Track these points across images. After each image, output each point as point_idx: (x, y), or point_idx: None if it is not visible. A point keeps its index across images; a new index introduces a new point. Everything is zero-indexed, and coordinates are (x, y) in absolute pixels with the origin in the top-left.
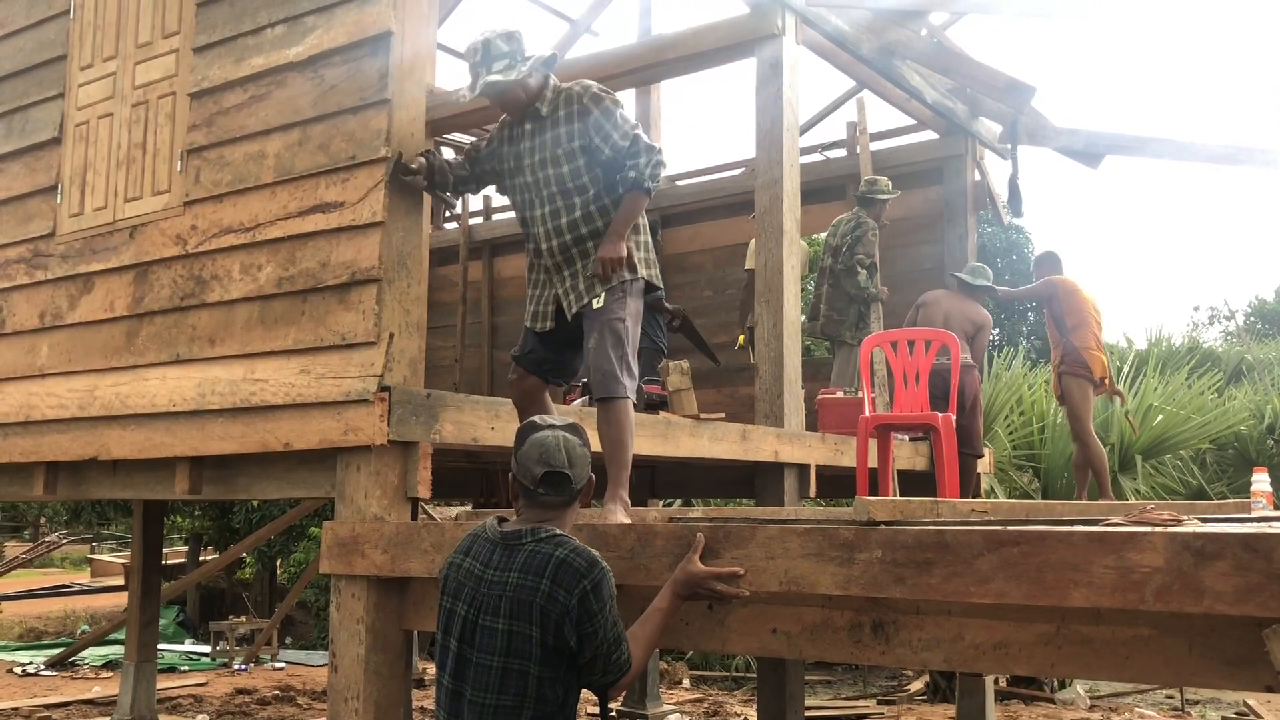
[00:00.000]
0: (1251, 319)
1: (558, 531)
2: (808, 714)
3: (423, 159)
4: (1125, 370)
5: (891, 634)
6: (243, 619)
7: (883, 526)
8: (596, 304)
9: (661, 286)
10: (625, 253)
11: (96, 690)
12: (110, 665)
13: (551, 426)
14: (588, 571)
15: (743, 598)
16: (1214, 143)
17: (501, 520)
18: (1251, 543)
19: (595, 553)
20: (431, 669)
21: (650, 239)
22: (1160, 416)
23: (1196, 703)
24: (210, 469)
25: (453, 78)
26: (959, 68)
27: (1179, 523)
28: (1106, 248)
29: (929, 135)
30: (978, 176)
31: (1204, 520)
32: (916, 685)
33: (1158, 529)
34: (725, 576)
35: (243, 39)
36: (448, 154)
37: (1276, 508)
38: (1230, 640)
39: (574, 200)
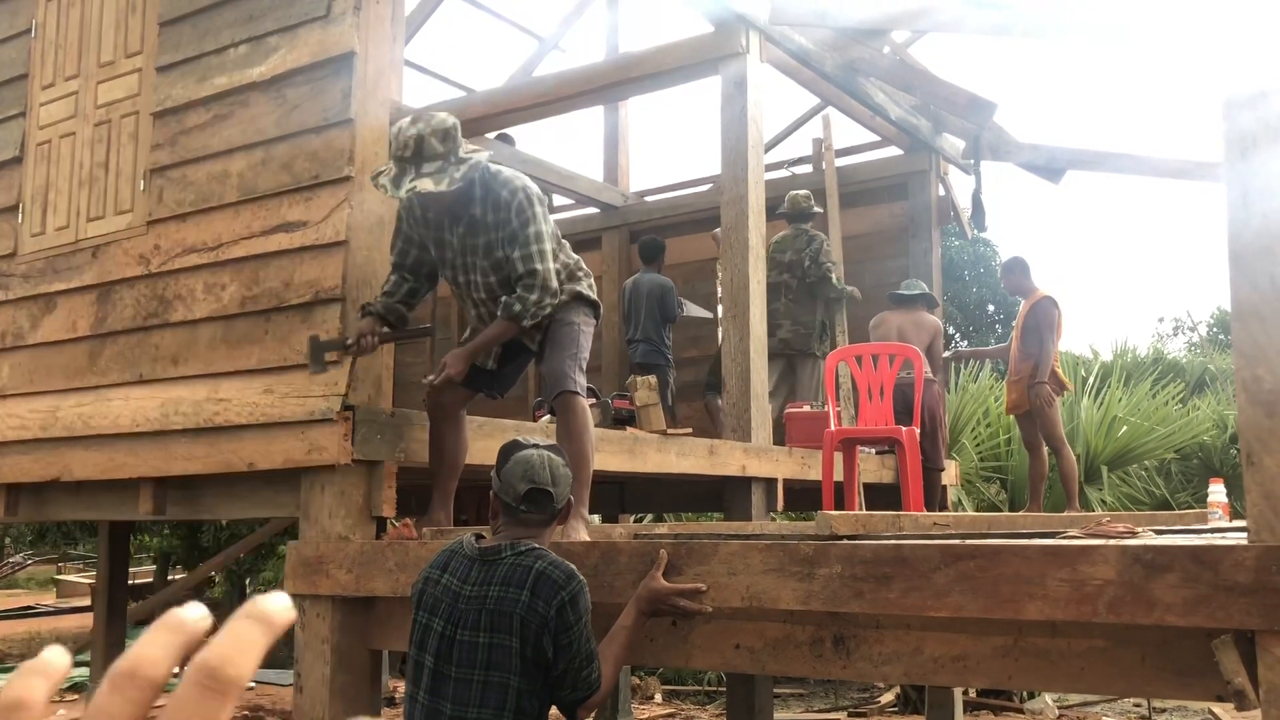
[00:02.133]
0: (1214, 330)
1: (536, 546)
2: None
3: (365, 337)
4: (1091, 381)
5: (852, 648)
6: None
7: (843, 541)
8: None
9: (598, 300)
10: (465, 370)
11: (62, 714)
12: (76, 688)
13: (536, 446)
14: (565, 584)
15: (706, 613)
16: (1170, 158)
17: (479, 537)
18: (1199, 555)
19: (573, 566)
20: (403, 688)
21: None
22: (1125, 427)
23: (1163, 711)
24: (175, 489)
25: (421, 95)
26: (921, 85)
27: (1134, 535)
28: (1071, 260)
29: (894, 151)
30: (942, 191)
31: (1161, 532)
32: (888, 697)
33: (1110, 542)
34: (688, 593)
35: (206, 58)
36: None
37: (1233, 518)
38: (1182, 651)
39: (494, 278)
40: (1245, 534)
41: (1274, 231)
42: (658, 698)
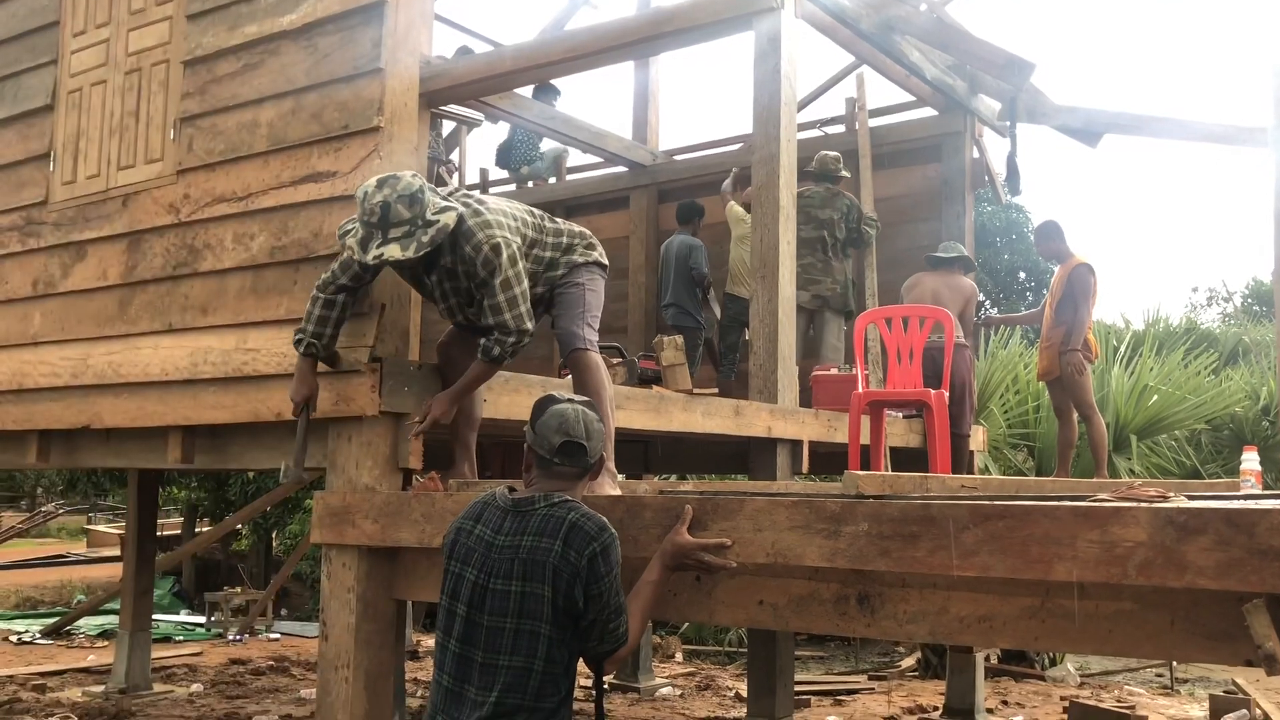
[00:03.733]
0: (1249, 300)
1: (569, 498)
2: (798, 688)
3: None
4: (1122, 350)
5: (877, 606)
6: (238, 590)
7: (870, 500)
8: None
9: (606, 262)
10: (450, 417)
11: (91, 659)
12: (105, 635)
13: (570, 400)
14: (597, 535)
15: (730, 569)
16: (1213, 122)
17: (511, 489)
18: (1233, 518)
19: (604, 519)
20: (426, 641)
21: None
22: (1156, 396)
23: (1185, 681)
24: (203, 438)
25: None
26: (958, 44)
27: (1165, 500)
28: (1105, 227)
29: (928, 112)
30: (976, 154)
31: (1194, 498)
32: (908, 661)
33: (1142, 504)
34: (712, 547)
35: (236, 6)
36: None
37: (1266, 487)
38: (1211, 615)
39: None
40: None
41: None
42: (678, 657)
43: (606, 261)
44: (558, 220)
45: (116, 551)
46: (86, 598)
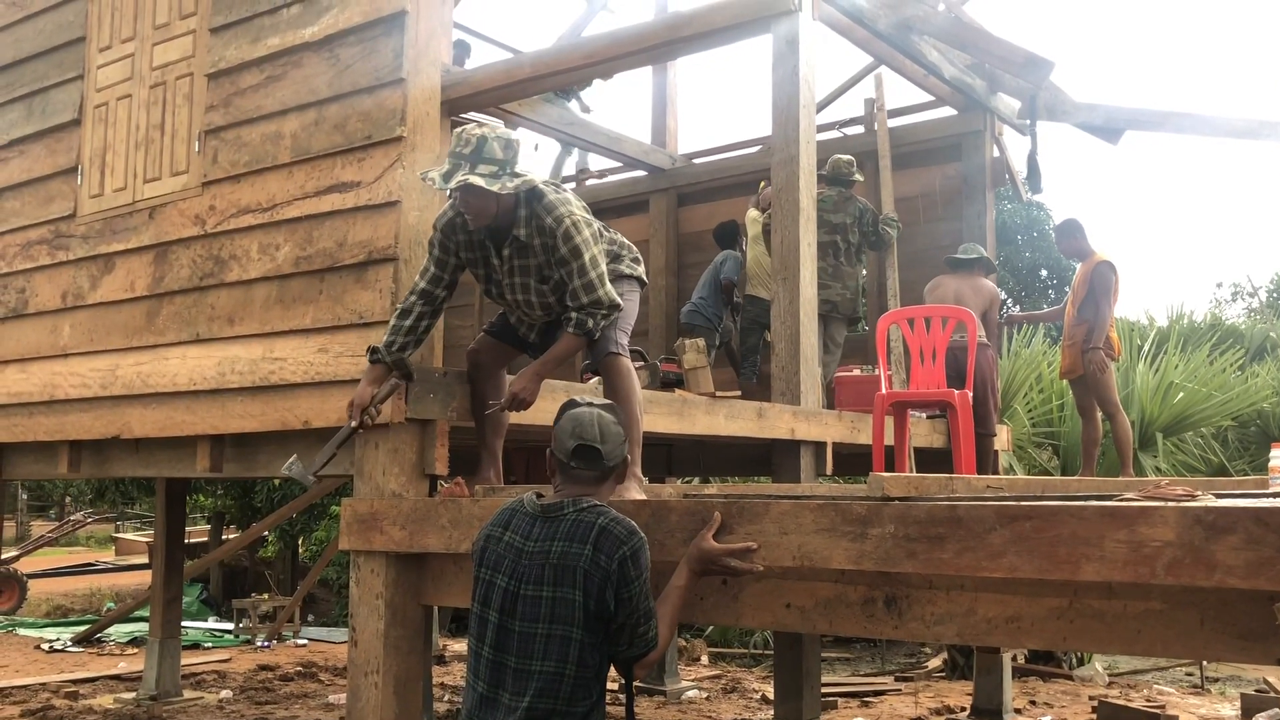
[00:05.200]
0: (1275, 295)
1: (598, 503)
2: (825, 690)
3: (396, 380)
4: (1146, 348)
5: (904, 608)
6: (265, 596)
7: (895, 502)
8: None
9: (646, 280)
10: (536, 394)
11: (122, 666)
12: (135, 642)
13: (590, 404)
14: (627, 539)
15: (756, 573)
16: (1235, 117)
17: (539, 495)
18: (1263, 517)
19: (634, 523)
20: (452, 646)
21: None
22: (1181, 394)
23: (1216, 680)
24: (231, 447)
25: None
26: (977, 43)
27: (1193, 499)
28: (1128, 224)
29: (947, 111)
30: (996, 153)
31: (1221, 496)
32: (935, 662)
33: (1169, 503)
34: (739, 552)
35: (259, 19)
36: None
37: None
38: (1241, 614)
39: (553, 298)
40: None
41: None
42: (704, 660)
43: (647, 280)
44: (609, 229)
45: (144, 559)
46: (116, 605)
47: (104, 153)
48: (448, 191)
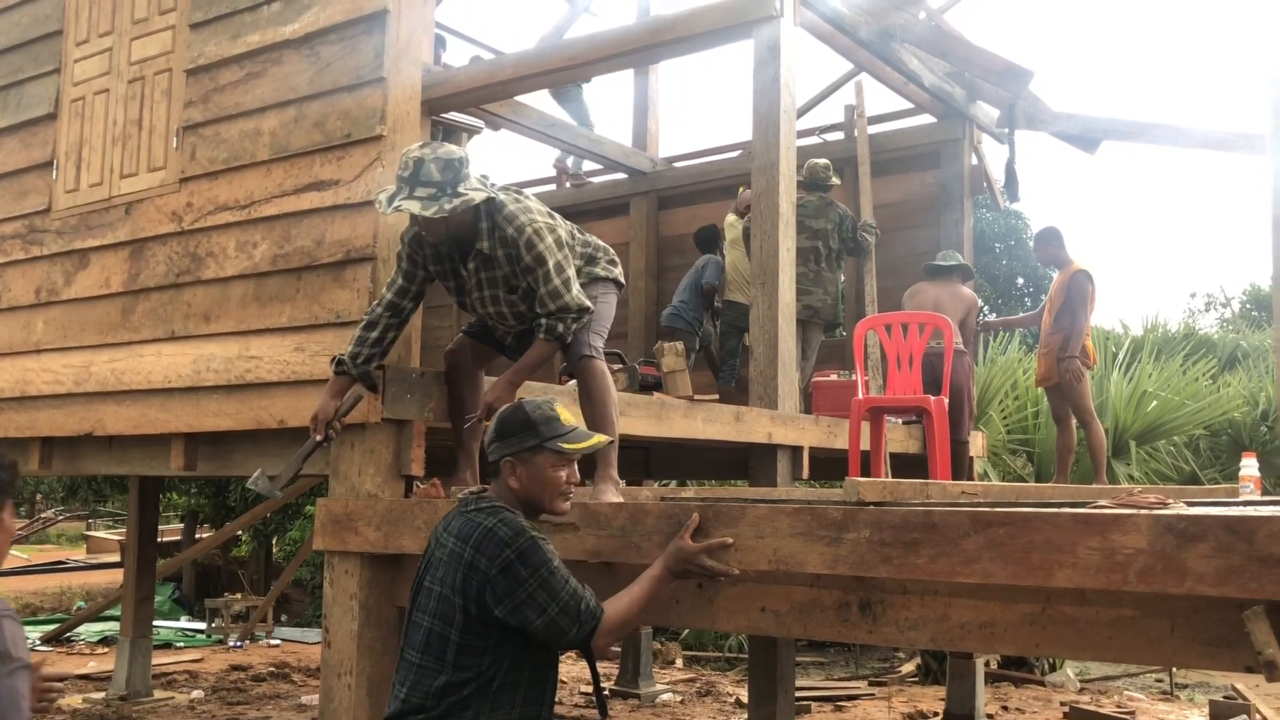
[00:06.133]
0: (1247, 306)
1: (497, 503)
2: (799, 694)
3: (360, 392)
4: (1121, 356)
5: (879, 613)
6: (238, 596)
7: (871, 507)
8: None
9: (623, 282)
10: (512, 401)
11: (92, 665)
12: (106, 641)
13: (522, 399)
14: (511, 540)
15: (732, 576)
16: (1210, 128)
17: (473, 491)
18: (1233, 525)
19: (524, 524)
20: None
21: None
22: (1155, 402)
23: (1185, 686)
24: (205, 445)
25: (451, 58)
26: (957, 51)
27: (1165, 506)
28: (1104, 233)
29: (926, 119)
30: (975, 161)
31: (1191, 504)
32: (908, 667)
33: (1142, 511)
34: (714, 548)
35: (239, 15)
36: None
37: (1265, 493)
38: (1211, 621)
39: (523, 306)
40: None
41: None
42: (679, 663)
43: (624, 282)
44: (584, 233)
45: (116, 558)
46: (86, 604)
47: (80, 147)
48: None
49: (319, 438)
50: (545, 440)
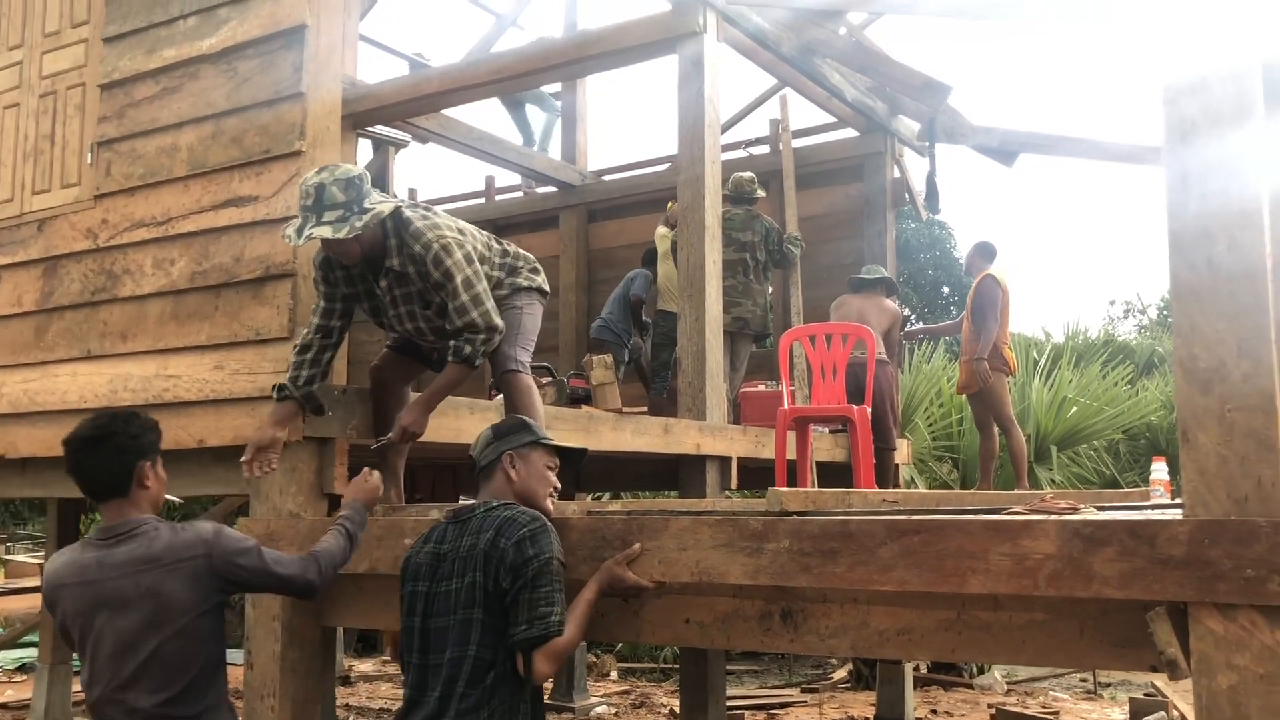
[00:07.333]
0: (1164, 312)
1: (508, 501)
2: (731, 703)
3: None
4: (1042, 363)
5: (800, 622)
6: None
7: (791, 517)
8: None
9: (541, 286)
10: (425, 425)
11: (10, 694)
12: (24, 669)
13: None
14: (528, 523)
15: (652, 589)
16: (1121, 142)
17: (451, 512)
18: (1136, 529)
19: (542, 516)
20: (358, 667)
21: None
22: (1075, 408)
23: (1109, 685)
24: None
25: (376, 71)
26: (877, 67)
27: (1076, 511)
28: (1026, 243)
29: (850, 133)
30: (897, 173)
31: (1103, 508)
32: (840, 673)
33: (1051, 517)
34: (630, 555)
35: (154, 30)
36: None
37: (1174, 496)
38: (1118, 623)
39: (440, 321)
40: (1181, 509)
41: (1212, 214)
42: (613, 675)
43: (548, 289)
44: (505, 242)
45: (36, 582)
46: (4, 630)
47: None
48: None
49: (245, 475)
50: (540, 438)
